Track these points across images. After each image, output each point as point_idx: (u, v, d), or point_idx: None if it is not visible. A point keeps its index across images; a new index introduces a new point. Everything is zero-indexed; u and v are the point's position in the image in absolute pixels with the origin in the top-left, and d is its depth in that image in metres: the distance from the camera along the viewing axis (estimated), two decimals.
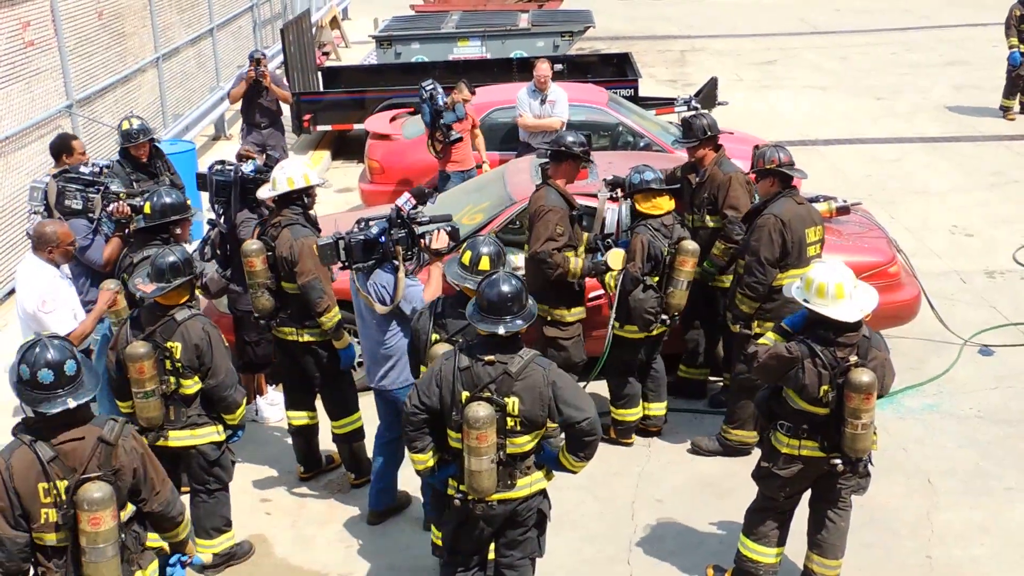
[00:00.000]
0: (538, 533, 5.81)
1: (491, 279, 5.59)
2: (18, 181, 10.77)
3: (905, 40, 23.34)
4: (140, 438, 5.23)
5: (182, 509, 5.39)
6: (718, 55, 22.62)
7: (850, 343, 5.87)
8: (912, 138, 16.15)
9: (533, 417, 5.46)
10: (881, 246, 9.27)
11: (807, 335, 5.95)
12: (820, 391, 5.88)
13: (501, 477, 5.51)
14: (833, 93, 19.02)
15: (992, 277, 11.05)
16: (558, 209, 7.88)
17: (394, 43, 18.65)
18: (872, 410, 5.85)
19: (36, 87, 11.67)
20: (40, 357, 4.84)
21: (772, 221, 7.46)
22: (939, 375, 9.07)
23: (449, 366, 5.54)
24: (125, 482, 5.01)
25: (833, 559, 6.38)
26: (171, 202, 7.18)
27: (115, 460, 4.95)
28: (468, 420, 5.36)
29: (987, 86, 18.53)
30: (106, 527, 4.88)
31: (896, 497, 7.52)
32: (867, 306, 5.88)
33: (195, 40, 17.18)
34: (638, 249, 7.76)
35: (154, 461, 5.22)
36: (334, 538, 7.29)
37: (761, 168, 7.60)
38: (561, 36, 18.81)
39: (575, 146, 7.99)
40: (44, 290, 6.71)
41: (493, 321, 5.46)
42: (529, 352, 5.54)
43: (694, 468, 7.94)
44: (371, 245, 6.73)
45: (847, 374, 5.81)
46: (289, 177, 7.30)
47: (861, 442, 5.90)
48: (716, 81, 15.00)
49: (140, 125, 8.94)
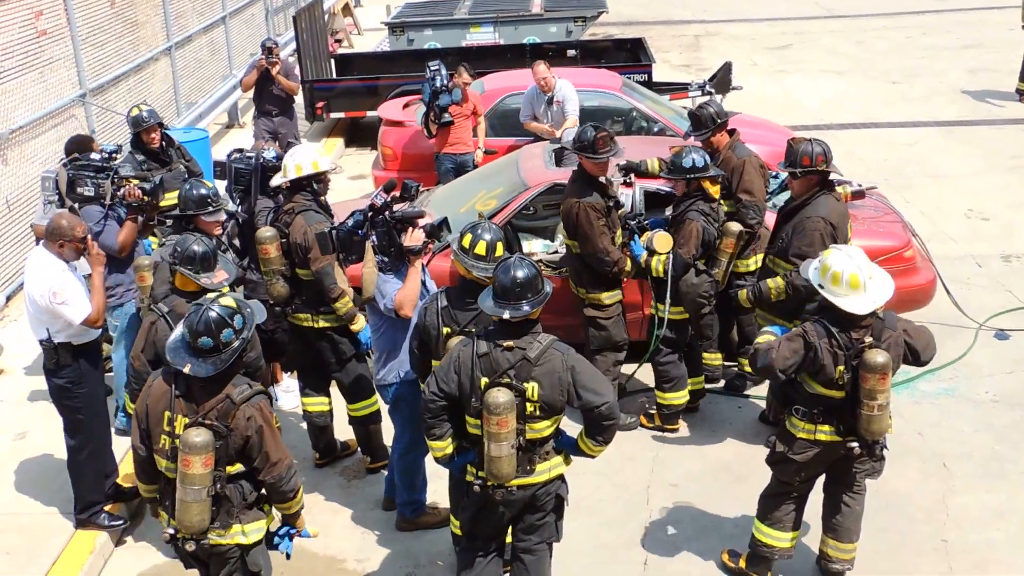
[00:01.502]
0: (556, 518, 5.82)
1: (506, 263, 5.55)
2: (32, 170, 10.79)
3: (921, 23, 23.19)
4: (268, 411, 5.30)
5: (295, 487, 5.45)
6: (733, 39, 22.52)
7: (864, 324, 5.88)
8: (928, 122, 16.06)
9: (552, 402, 5.46)
10: (896, 230, 9.23)
11: (822, 316, 5.96)
12: (836, 372, 5.88)
13: (520, 463, 5.52)
14: (849, 77, 18.92)
15: (1008, 261, 10.99)
16: (595, 204, 7.83)
17: (406, 30, 18.61)
18: (888, 391, 5.85)
19: (49, 76, 11.68)
20: (203, 324, 5.13)
21: (822, 225, 7.28)
22: (955, 359, 9.03)
23: (467, 352, 5.53)
24: (235, 443, 5.21)
25: (848, 543, 6.39)
26: (198, 194, 7.02)
27: (231, 420, 5.17)
28: (488, 406, 5.36)
29: (1003, 69, 18.40)
30: (194, 471, 5.11)
31: (912, 482, 7.50)
32: (881, 298, 5.87)
33: (208, 28, 17.17)
34: (694, 234, 7.73)
35: (275, 436, 5.30)
36: (349, 524, 7.31)
37: (807, 167, 7.32)
38: (574, 21, 18.74)
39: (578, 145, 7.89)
40: (53, 282, 6.68)
41: (502, 305, 5.45)
42: (547, 337, 5.53)
43: (709, 453, 7.94)
44: (349, 238, 6.67)
45: (862, 355, 5.81)
46: (298, 164, 7.31)
47: (877, 424, 5.90)
48: (730, 66, 14.91)
49: (148, 111, 8.96)
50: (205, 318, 5.14)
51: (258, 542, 5.50)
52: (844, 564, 6.46)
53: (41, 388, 8.39)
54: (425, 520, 7.15)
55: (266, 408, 5.30)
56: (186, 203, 7.02)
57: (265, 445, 5.26)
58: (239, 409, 5.18)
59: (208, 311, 5.17)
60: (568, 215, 7.96)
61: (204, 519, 5.24)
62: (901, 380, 8.70)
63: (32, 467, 7.84)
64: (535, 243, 9.46)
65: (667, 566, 6.79)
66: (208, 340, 5.13)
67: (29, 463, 7.90)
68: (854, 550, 6.42)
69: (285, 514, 5.60)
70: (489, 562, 5.94)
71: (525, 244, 9.41)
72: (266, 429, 5.25)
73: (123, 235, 7.73)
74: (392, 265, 6.58)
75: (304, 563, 6.85)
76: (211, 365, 5.16)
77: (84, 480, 7.03)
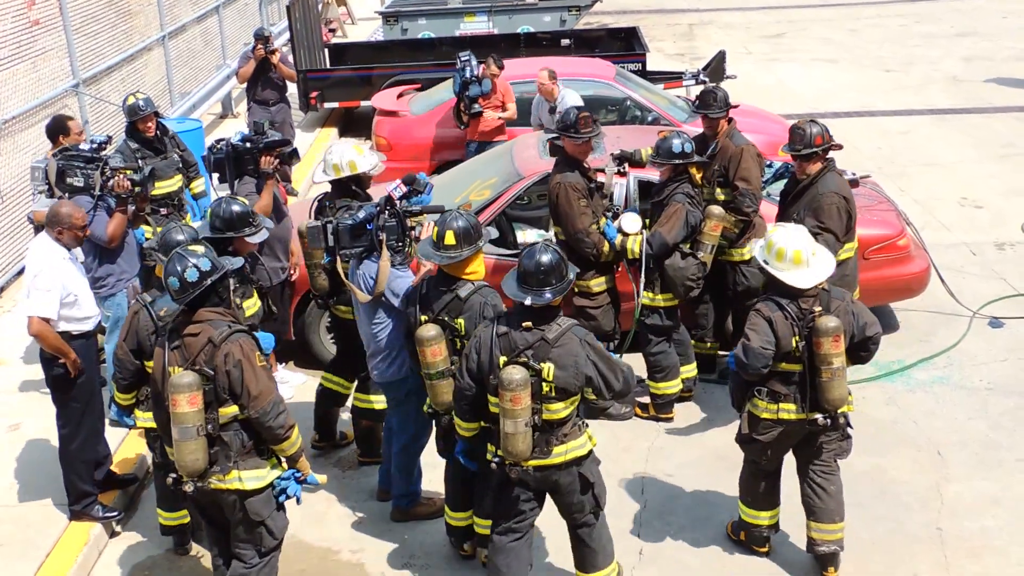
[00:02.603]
0: (590, 494, 5.94)
1: (532, 249, 5.77)
2: (25, 161, 10.74)
3: (915, 11, 23.18)
4: (249, 347, 5.52)
5: (284, 423, 5.58)
6: (727, 28, 22.50)
7: (813, 295, 6.11)
8: (922, 110, 16.07)
9: (567, 384, 5.63)
10: (890, 219, 9.24)
11: (771, 293, 6.20)
12: (792, 343, 6.06)
13: (537, 443, 5.68)
14: (842, 66, 18.92)
15: (1002, 249, 11.00)
16: (576, 184, 7.86)
17: (400, 19, 18.58)
18: (842, 355, 6.04)
19: (42, 66, 11.64)
20: (172, 267, 5.52)
21: (838, 200, 7.50)
22: (949, 347, 9.04)
23: (488, 332, 5.76)
24: (222, 382, 5.46)
25: (831, 523, 6.43)
26: (239, 211, 6.71)
27: (215, 359, 5.44)
28: (503, 382, 5.55)
29: (997, 57, 18.41)
30: (181, 409, 5.38)
31: (906, 470, 7.52)
32: (822, 274, 6.12)
33: (201, 18, 17.11)
34: (677, 216, 7.76)
35: (256, 370, 5.51)
36: (344, 515, 7.31)
37: (821, 145, 7.54)
38: (568, 10, 18.71)
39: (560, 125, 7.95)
40: (42, 266, 6.73)
41: (524, 291, 5.66)
42: (567, 321, 5.73)
43: (704, 442, 7.94)
44: (358, 230, 6.59)
45: (814, 322, 6.02)
46: (335, 164, 7.18)
47: (836, 391, 6.06)
48: (724, 54, 14.90)
49: (145, 99, 8.95)
50: (172, 263, 5.54)
51: (257, 490, 5.63)
52: (832, 545, 6.45)
53: (35, 379, 8.39)
54: (420, 511, 7.15)
55: (246, 345, 5.52)
56: (228, 223, 6.65)
57: (245, 378, 5.46)
58: (219, 348, 5.44)
59: (176, 256, 5.57)
60: (549, 195, 8.04)
61: (198, 459, 5.46)
62: (896, 369, 8.72)
63: (26, 458, 7.83)
64: (529, 233, 9.46)
65: (662, 555, 6.80)
66: (175, 280, 5.49)
67: (23, 454, 7.88)
68: (840, 529, 6.44)
69: (286, 457, 5.72)
70: (517, 542, 6.02)
71: (519, 234, 9.41)
72: (245, 363, 5.47)
73: (112, 226, 7.71)
74: (404, 259, 6.59)
75: (299, 553, 6.86)
76: (178, 302, 5.54)
77: (75, 469, 7.03)
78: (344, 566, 6.86)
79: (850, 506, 7.08)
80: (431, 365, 6.14)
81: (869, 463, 7.57)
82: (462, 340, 6.16)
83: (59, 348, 6.75)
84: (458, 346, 6.19)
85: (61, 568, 6.72)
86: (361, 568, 6.83)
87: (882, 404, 8.31)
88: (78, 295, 6.88)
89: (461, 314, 6.15)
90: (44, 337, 6.73)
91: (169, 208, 8.91)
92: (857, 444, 7.74)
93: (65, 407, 6.95)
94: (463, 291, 6.15)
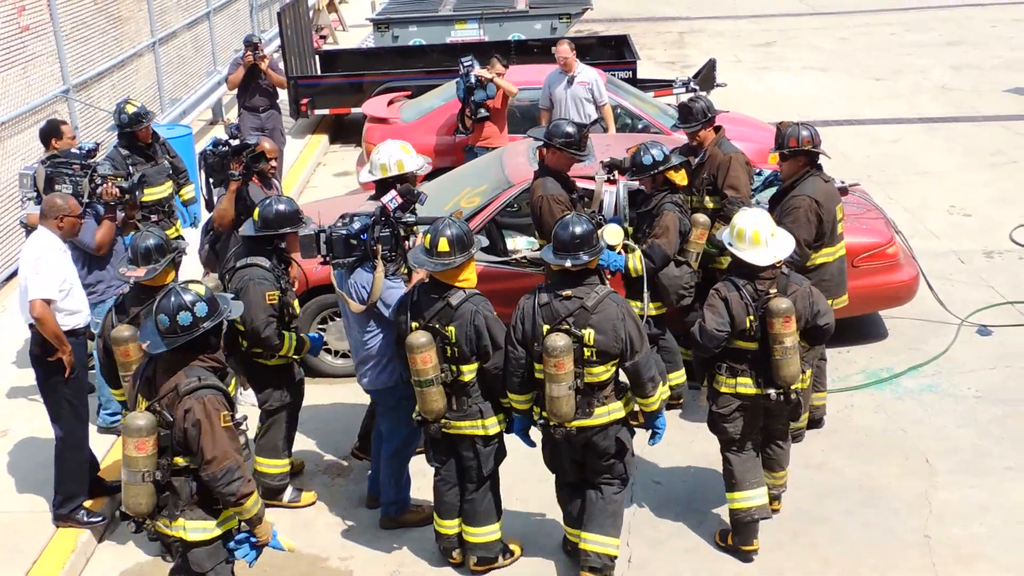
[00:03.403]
0: (622, 459, 6.35)
1: (564, 220, 6.19)
2: (14, 166, 10.73)
3: (905, 20, 23.25)
4: (212, 407, 5.23)
5: (236, 491, 5.28)
6: (717, 36, 22.55)
7: (770, 278, 6.47)
8: (911, 118, 16.11)
9: (607, 348, 6.03)
10: (879, 227, 9.26)
11: (730, 274, 6.62)
12: (747, 323, 6.43)
13: (580, 405, 6.09)
14: (832, 74, 18.96)
15: (990, 257, 11.04)
16: (558, 195, 7.86)
17: (391, 26, 18.57)
18: (793, 335, 6.39)
19: (32, 72, 11.63)
20: (164, 304, 5.28)
21: (807, 202, 7.49)
22: (937, 356, 9.05)
23: (530, 303, 6.15)
24: (178, 434, 5.26)
25: (780, 471, 7.01)
26: (284, 210, 6.96)
27: (176, 410, 5.23)
28: (547, 349, 5.94)
29: (986, 66, 18.47)
30: (129, 452, 5.21)
31: (895, 477, 7.53)
32: (781, 253, 6.50)
33: (192, 24, 17.11)
34: (672, 226, 7.77)
35: (215, 434, 5.22)
36: (333, 522, 7.30)
37: (794, 147, 7.58)
38: (559, 18, 18.73)
39: (557, 138, 7.93)
40: (42, 251, 6.80)
41: (563, 257, 6.04)
42: (604, 288, 6.13)
43: (693, 449, 7.93)
44: (352, 241, 6.56)
45: (767, 304, 6.39)
46: (383, 164, 7.11)
47: (788, 368, 6.40)
48: (715, 63, 14.94)
49: (141, 108, 9.00)
50: (167, 299, 5.30)
51: (201, 542, 5.43)
52: (779, 488, 7.03)
53: (24, 384, 8.37)
54: (408, 518, 7.14)
55: (210, 403, 5.23)
56: (280, 221, 6.92)
57: (202, 441, 5.22)
58: (181, 400, 5.23)
59: (172, 292, 5.32)
60: (532, 208, 8.08)
61: (141, 503, 5.30)
62: (885, 377, 8.74)
63: (14, 464, 7.80)
64: (519, 240, 9.47)
65: (651, 562, 6.80)
66: (165, 319, 5.26)
67: (11, 460, 7.86)
68: (785, 476, 7.05)
69: (243, 520, 5.50)
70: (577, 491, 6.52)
71: (509, 241, 9.42)
72: (204, 424, 5.20)
73: (100, 233, 7.72)
74: (396, 270, 6.61)
75: (287, 561, 6.83)
76: (165, 344, 5.27)
77: (70, 469, 7.03)
78: (333, 573, 6.85)
79: (839, 513, 7.14)
80: (421, 372, 6.17)
81: (858, 470, 7.59)
82: (453, 348, 6.20)
83: (57, 335, 6.75)
84: (448, 353, 6.21)
85: (48, 575, 6.69)
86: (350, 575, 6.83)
87: (871, 412, 8.33)
88: (72, 286, 6.96)
89: (452, 321, 6.17)
90: (45, 321, 6.72)
91: (159, 215, 8.92)
92: (846, 451, 7.82)
93: (56, 406, 6.97)
94: (454, 299, 6.19)
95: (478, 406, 6.35)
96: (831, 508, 7.22)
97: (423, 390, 6.22)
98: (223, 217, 7.85)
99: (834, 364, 8.61)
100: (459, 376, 6.28)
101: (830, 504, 7.26)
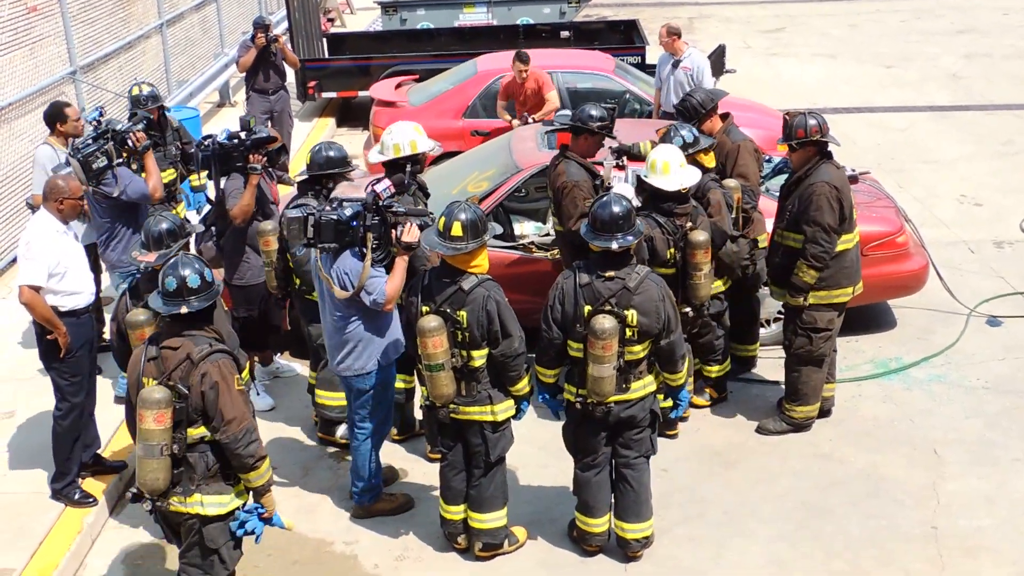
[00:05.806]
0: (651, 432, 6.48)
1: (603, 200, 6.24)
2: (21, 148, 10.72)
3: (915, 7, 23.14)
4: (228, 369, 5.37)
5: (255, 453, 5.42)
6: (726, 22, 22.46)
7: (684, 212, 7.12)
8: (921, 107, 16.04)
9: (649, 328, 6.15)
10: (889, 215, 9.22)
11: (649, 210, 7.14)
12: (668, 254, 7.11)
13: (618, 382, 6.19)
14: (842, 61, 18.88)
15: (1000, 247, 10.99)
16: (582, 183, 7.80)
17: (399, 9, 18.53)
18: (709, 263, 7.19)
19: (39, 53, 11.60)
20: (172, 267, 5.41)
21: (827, 189, 7.42)
22: (947, 347, 9.01)
23: (570, 284, 6.20)
24: (195, 402, 5.32)
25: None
26: (334, 155, 7.37)
27: (191, 378, 5.29)
28: (595, 331, 6.01)
29: (997, 54, 18.37)
30: (147, 426, 5.24)
31: (902, 468, 7.50)
32: (687, 181, 7.14)
33: (199, 6, 17.04)
34: (721, 202, 7.67)
35: (232, 395, 5.35)
36: (338, 507, 7.29)
37: (802, 139, 7.50)
38: (568, 2, 18.66)
39: (592, 122, 7.86)
40: (33, 236, 6.80)
41: (606, 238, 6.11)
42: (643, 268, 6.24)
43: (699, 438, 7.92)
44: (342, 227, 6.51)
45: (687, 236, 7.07)
46: (396, 143, 7.13)
47: (703, 290, 7.24)
48: (724, 49, 14.84)
49: (151, 91, 9.08)
50: (173, 262, 5.47)
51: (218, 517, 5.52)
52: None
53: (31, 366, 8.36)
54: (381, 507, 7.13)
55: (225, 366, 5.36)
56: (329, 163, 7.36)
57: (220, 402, 5.32)
58: (196, 367, 5.31)
59: (178, 257, 5.56)
60: (555, 190, 7.98)
61: (159, 478, 5.33)
62: (894, 368, 8.71)
63: (20, 446, 7.80)
64: (527, 225, 9.43)
65: (657, 551, 6.78)
66: (173, 281, 5.37)
67: (17, 442, 7.86)
68: None
69: (252, 489, 5.57)
70: (599, 475, 6.54)
71: (517, 226, 9.38)
72: (222, 385, 5.32)
73: (151, 181, 8.05)
74: (383, 258, 6.54)
75: (292, 545, 6.84)
76: (174, 305, 5.36)
77: (62, 446, 7.06)
78: (338, 558, 6.84)
79: (844, 503, 7.11)
80: (431, 356, 6.13)
81: (865, 460, 7.57)
82: (464, 332, 6.17)
83: (48, 319, 6.77)
84: (459, 338, 6.18)
85: (54, 556, 6.70)
86: (354, 560, 6.82)
87: (879, 401, 8.30)
88: (68, 268, 6.89)
89: (464, 306, 6.14)
90: (34, 306, 6.76)
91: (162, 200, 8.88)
92: (853, 441, 7.80)
93: (56, 382, 7.01)
94: (467, 283, 6.17)
95: (487, 392, 6.33)
96: (837, 498, 7.19)
97: (433, 375, 6.18)
98: (246, 212, 7.81)
99: (843, 353, 8.57)
100: (469, 361, 6.25)
101: (836, 494, 7.23)
